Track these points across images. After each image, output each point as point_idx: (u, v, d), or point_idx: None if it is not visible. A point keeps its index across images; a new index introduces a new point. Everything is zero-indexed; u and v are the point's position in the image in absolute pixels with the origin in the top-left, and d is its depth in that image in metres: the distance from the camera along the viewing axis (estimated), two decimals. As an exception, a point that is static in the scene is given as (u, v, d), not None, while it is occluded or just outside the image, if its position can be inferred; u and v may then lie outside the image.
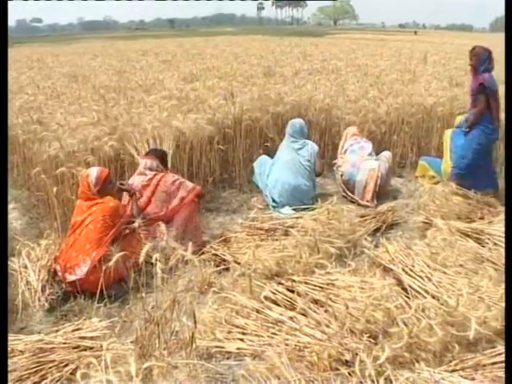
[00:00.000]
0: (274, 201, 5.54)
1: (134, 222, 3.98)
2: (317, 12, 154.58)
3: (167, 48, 21.31)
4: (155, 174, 4.65)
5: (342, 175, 6.17)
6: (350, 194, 6.04)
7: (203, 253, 4.35)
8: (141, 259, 3.00)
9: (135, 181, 4.67)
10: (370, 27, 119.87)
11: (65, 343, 3.04)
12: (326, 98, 7.45)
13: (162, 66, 12.71)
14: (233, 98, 7.28)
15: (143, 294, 3.36)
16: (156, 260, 2.90)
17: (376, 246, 4.44)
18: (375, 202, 5.87)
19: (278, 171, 5.60)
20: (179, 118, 5.91)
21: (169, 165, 5.16)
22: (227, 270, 4.20)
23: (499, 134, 5.91)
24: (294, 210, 5.22)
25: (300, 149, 5.79)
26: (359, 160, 6.16)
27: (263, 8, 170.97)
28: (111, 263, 3.19)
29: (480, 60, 5.91)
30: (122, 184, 4.48)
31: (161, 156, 4.87)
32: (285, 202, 5.47)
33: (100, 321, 3.39)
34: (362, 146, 6.32)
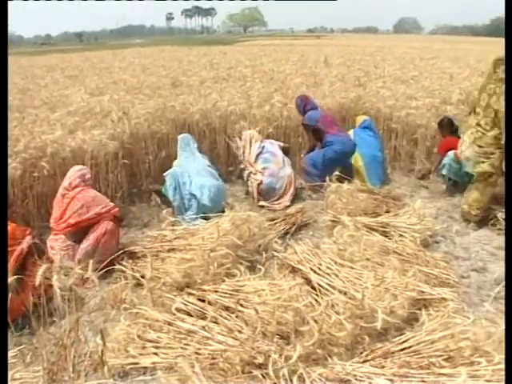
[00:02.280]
0: (203, 206, 5.54)
1: None
2: (226, 20, 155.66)
3: (74, 63, 20.81)
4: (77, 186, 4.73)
5: (259, 184, 6.32)
6: (265, 202, 6.27)
7: (113, 270, 4.35)
8: (37, 281, 2.98)
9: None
10: (279, 33, 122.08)
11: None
12: (230, 106, 7.57)
13: (68, 81, 12.43)
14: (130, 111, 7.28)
15: (54, 318, 3.33)
16: (55, 281, 2.88)
17: (286, 249, 4.58)
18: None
19: (200, 178, 5.64)
20: (80, 135, 5.89)
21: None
22: (139, 285, 4.21)
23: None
24: (205, 218, 5.28)
25: (202, 157, 5.99)
26: (276, 168, 6.40)
27: (173, 18, 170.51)
28: (10, 289, 3.14)
29: (298, 108, 7.19)
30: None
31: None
32: (214, 204, 5.52)
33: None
34: (273, 152, 6.51)
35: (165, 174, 5.79)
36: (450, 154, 6.45)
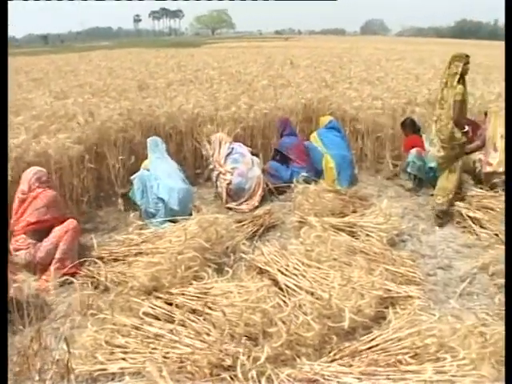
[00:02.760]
0: (171, 210, 5.51)
1: None
2: (194, 22, 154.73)
3: (39, 65, 20.43)
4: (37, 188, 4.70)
5: (228, 184, 6.32)
6: (233, 203, 6.29)
7: (80, 275, 4.31)
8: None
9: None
10: (246, 35, 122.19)
11: None
12: (197, 108, 7.57)
13: (33, 84, 12.22)
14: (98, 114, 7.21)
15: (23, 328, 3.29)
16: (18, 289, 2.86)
17: (254, 250, 4.59)
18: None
19: (169, 180, 5.60)
20: (45, 139, 5.80)
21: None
22: (106, 290, 4.18)
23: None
24: (172, 222, 5.26)
25: (171, 159, 5.95)
26: (246, 169, 6.42)
27: (140, 20, 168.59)
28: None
29: (277, 130, 7.36)
30: None
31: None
32: (182, 208, 5.48)
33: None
34: (242, 152, 6.54)
35: (132, 177, 5.75)
36: (413, 151, 6.64)
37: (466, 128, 5.74)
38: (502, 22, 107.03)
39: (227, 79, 11.75)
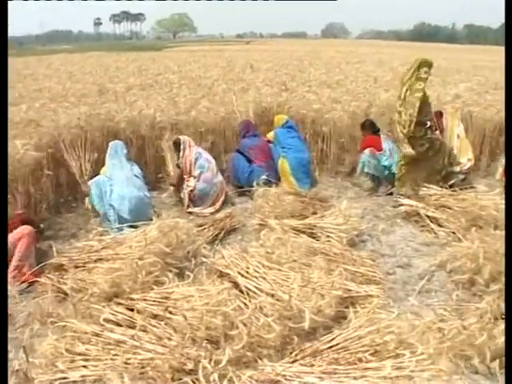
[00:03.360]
0: (121, 218, 5.48)
1: None
2: (155, 25, 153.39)
3: (-4, 69, 20.09)
4: None
5: (192, 190, 6.31)
6: (195, 208, 6.29)
7: (39, 283, 4.26)
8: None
9: None
10: (208, 38, 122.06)
11: None
12: (157, 113, 7.55)
13: (-11, 88, 12.01)
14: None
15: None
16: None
17: (214, 254, 4.61)
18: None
19: (122, 188, 5.56)
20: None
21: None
22: (66, 298, 4.13)
23: None
24: (133, 227, 5.23)
25: (131, 165, 5.90)
26: (211, 175, 6.43)
27: (101, 23, 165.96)
28: None
29: (239, 132, 7.48)
30: None
31: None
32: (134, 217, 5.44)
33: None
34: (207, 158, 6.54)
35: (89, 182, 5.71)
36: (366, 151, 6.82)
37: (428, 123, 6.25)
38: (458, 25, 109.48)
39: (187, 83, 11.77)
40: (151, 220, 5.03)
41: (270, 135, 7.33)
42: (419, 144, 6.19)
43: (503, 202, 5.38)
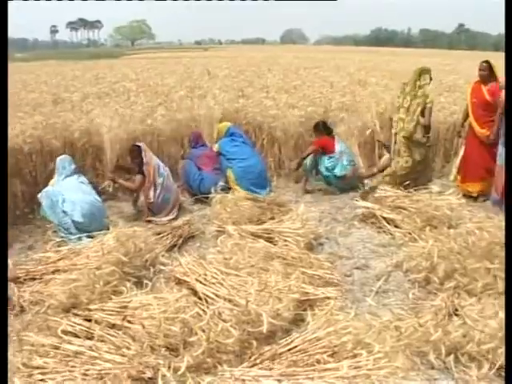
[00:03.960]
0: (76, 223, 5.41)
1: None
2: (113, 33, 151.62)
3: None
4: None
5: (151, 202, 6.25)
6: (154, 216, 6.23)
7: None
8: None
9: None
10: (167, 46, 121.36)
11: None
12: (113, 121, 7.49)
13: None
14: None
15: None
16: None
17: (173, 262, 4.61)
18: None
19: (71, 195, 5.51)
20: None
21: None
22: (23, 310, 4.09)
23: None
24: (90, 237, 5.19)
25: (78, 176, 5.87)
26: (170, 183, 6.45)
27: (57, 31, 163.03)
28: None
29: (189, 142, 7.55)
30: None
31: None
32: (88, 221, 5.40)
33: None
34: (163, 166, 6.51)
35: (39, 195, 5.64)
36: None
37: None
38: (414, 30, 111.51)
39: (144, 91, 11.69)
40: (108, 229, 5.02)
41: (216, 147, 7.28)
42: (418, 153, 6.91)
43: (457, 201, 5.55)
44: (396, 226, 5.55)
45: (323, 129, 7.32)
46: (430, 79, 6.86)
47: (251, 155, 7.21)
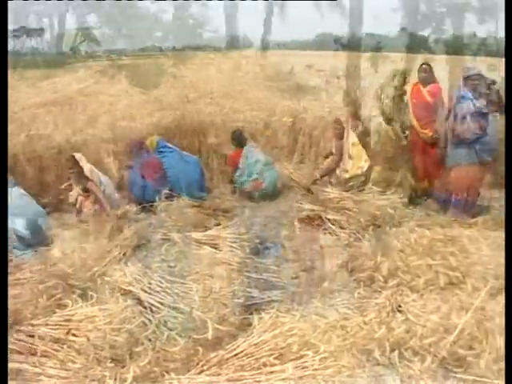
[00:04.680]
0: (19, 237, 5.31)
1: None
2: (57, 41, 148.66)
3: None
4: None
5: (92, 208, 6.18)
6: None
7: None
8: None
9: None
10: (112, 53, 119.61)
11: None
12: (55, 131, 7.39)
13: None
14: None
15: None
16: None
17: (118, 272, 4.57)
18: None
19: (12, 209, 5.42)
20: None
21: None
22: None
23: None
24: (35, 251, 5.11)
25: (17, 189, 5.76)
26: (112, 191, 6.44)
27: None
28: None
29: (131, 150, 7.40)
30: None
31: None
32: (31, 231, 5.30)
33: None
34: (104, 175, 6.46)
35: None
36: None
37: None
38: (359, 33, 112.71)
39: (87, 99, 11.51)
40: (52, 242, 4.96)
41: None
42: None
43: (399, 200, 5.69)
44: (341, 227, 5.63)
45: (238, 139, 7.38)
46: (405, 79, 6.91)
47: (181, 167, 7.10)
